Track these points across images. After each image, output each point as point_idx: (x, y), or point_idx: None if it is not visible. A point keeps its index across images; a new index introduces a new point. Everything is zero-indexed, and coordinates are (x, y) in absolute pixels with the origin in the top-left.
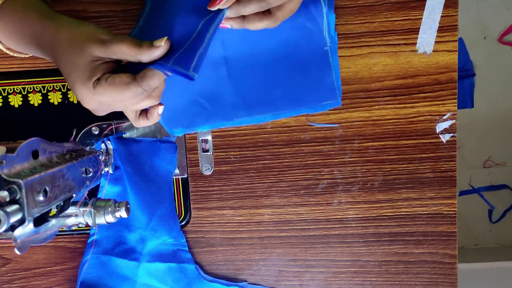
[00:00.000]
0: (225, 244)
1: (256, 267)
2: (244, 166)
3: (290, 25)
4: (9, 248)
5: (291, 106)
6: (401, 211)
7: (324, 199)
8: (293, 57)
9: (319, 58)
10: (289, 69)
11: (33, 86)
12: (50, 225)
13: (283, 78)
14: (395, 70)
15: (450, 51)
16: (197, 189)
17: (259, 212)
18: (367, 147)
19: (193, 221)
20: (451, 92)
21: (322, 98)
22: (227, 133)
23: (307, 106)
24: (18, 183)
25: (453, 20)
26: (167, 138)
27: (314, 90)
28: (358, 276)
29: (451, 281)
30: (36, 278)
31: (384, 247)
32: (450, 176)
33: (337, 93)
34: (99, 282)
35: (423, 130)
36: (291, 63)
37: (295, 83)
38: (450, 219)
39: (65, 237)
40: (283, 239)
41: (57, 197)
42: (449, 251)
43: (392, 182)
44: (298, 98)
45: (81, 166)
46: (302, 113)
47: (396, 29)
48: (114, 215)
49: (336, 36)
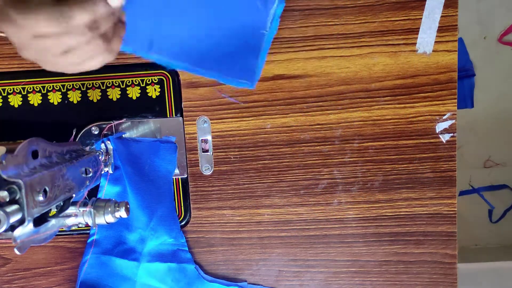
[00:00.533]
0: (225, 244)
1: (256, 267)
2: (244, 166)
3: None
4: (9, 248)
5: (209, 66)
6: (401, 211)
7: (324, 199)
8: (230, 23)
9: (252, 37)
10: (223, 32)
11: (33, 86)
12: (50, 225)
13: (215, 37)
14: (395, 70)
15: (450, 51)
16: (197, 189)
17: (259, 212)
18: (367, 147)
19: (193, 221)
20: (451, 92)
21: (239, 75)
22: (227, 133)
23: (222, 75)
24: (18, 183)
25: (453, 20)
26: (167, 138)
27: (236, 63)
28: (358, 276)
29: (451, 281)
30: (36, 278)
31: (384, 247)
32: (450, 176)
33: (255, 77)
34: (99, 282)
35: (423, 130)
36: (227, 28)
37: (223, 48)
38: (450, 219)
39: (65, 237)
40: (283, 239)
41: (57, 197)
42: (449, 251)
43: (392, 182)
44: (218, 62)
45: (81, 166)
46: (214, 78)
47: (396, 29)
48: (114, 215)
49: (276, 28)
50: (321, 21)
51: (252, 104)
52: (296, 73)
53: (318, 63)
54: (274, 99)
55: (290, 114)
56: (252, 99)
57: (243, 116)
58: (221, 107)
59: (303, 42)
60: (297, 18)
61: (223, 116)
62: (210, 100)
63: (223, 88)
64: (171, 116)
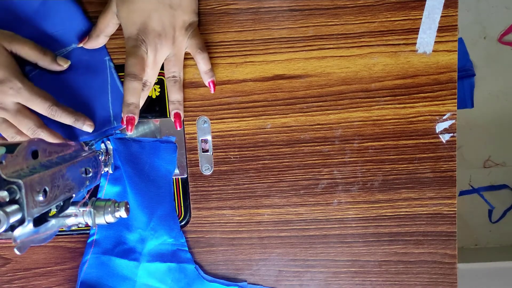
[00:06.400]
0: (225, 244)
1: (256, 267)
2: (244, 166)
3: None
4: (9, 248)
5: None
6: (401, 211)
7: (324, 199)
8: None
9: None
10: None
11: None
12: (50, 225)
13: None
14: (395, 70)
15: (450, 51)
16: (197, 189)
17: (259, 212)
18: (367, 147)
19: (193, 221)
20: (451, 92)
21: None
22: (227, 133)
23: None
24: (18, 183)
25: (453, 20)
26: (167, 138)
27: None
28: (358, 276)
29: (451, 281)
30: (36, 278)
31: (384, 247)
32: (450, 176)
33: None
34: (99, 282)
35: (423, 130)
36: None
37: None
38: (450, 219)
39: (65, 237)
40: (283, 239)
41: (57, 197)
42: (449, 251)
43: (392, 182)
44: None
45: (81, 166)
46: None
47: (396, 29)
48: (114, 215)
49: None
50: (321, 21)
51: (252, 104)
52: (296, 73)
53: (318, 63)
54: (274, 99)
55: (290, 114)
56: (252, 99)
57: (243, 116)
58: (221, 107)
59: (303, 42)
60: (297, 18)
61: (223, 116)
62: (210, 100)
63: (223, 89)
64: (171, 116)
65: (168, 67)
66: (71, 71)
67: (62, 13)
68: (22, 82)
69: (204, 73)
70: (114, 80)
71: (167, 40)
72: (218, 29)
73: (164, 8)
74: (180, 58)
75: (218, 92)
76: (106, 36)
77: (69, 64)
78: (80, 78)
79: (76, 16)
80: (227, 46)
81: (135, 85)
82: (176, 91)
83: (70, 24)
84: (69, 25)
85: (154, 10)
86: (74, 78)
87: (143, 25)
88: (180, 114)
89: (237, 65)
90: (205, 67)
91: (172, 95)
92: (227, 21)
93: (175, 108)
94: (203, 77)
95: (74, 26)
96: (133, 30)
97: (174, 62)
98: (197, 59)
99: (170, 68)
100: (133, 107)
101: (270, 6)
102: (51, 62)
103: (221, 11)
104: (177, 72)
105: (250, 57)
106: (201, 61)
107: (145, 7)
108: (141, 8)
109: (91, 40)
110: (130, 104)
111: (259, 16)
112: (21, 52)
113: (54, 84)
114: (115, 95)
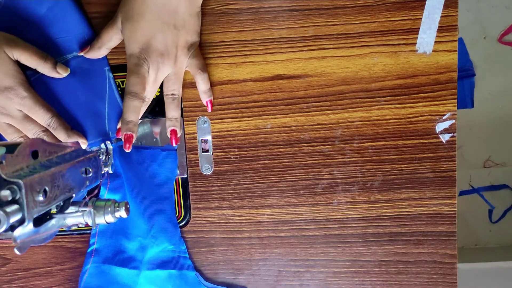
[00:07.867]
0: (225, 244)
1: (256, 267)
2: (244, 166)
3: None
4: (9, 248)
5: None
6: (401, 211)
7: (323, 199)
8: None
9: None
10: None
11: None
12: (50, 225)
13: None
14: (395, 70)
15: (450, 51)
16: (197, 189)
17: (259, 212)
18: (367, 147)
19: (192, 221)
20: (451, 92)
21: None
22: (227, 133)
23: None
24: (18, 183)
25: (453, 20)
26: (168, 146)
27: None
28: (358, 276)
29: (451, 281)
30: (36, 278)
31: (384, 247)
32: (450, 176)
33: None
34: None
35: (423, 130)
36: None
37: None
38: (450, 219)
39: (65, 237)
40: (283, 239)
41: (57, 197)
42: (449, 251)
43: (392, 182)
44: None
45: (81, 166)
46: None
47: (396, 29)
48: (114, 215)
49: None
50: (321, 21)
51: (252, 104)
52: (296, 73)
53: (318, 63)
54: (274, 99)
55: (290, 114)
56: (252, 99)
57: (243, 116)
58: (221, 107)
59: (303, 42)
60: (297, 18)
61: (223, 116)
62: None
63: (223, 89)
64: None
65: (168, 85)
66: (70, 79)
67: (67, 20)
68: (27, 91)
69: (203, 92)
70: (112, 91)
71: (169, 59)
72: (218, 29)
73: (168, 28)
74: (180, 76)
75: (218, 92)
76: (108, 49)
77: (69, 73)
78: (79, 86)
79: (80, 24)
80: (227, 46)
81: (136, 103)
82: (174, 108)
83: (74, 31)
84: (73, 33)
85: (159, 30)
86: (73, 86)
87: (146, 44)
88: (176, 131)
89: (237, 65)
90: (204, 87)
91: (170, 112)
92: (227, 21)
93: (172, 125)
94: (202, 96)
95: (77, 34)
96: (136, 49)
97: (174, 81)
98: (197, 79)
99: (170, 86)
100: (132, 125)
101: (270, 6)
102: (50, 70)
103: (221, 11)
104: (176, 90)
105: (250, 57)
106: (201, 81)
107: (150, 26)
108: (146, 27)
109: (92, 50)
110: (129, 122)
111: (259, 16)
112: (21, 58)
113: (53, 90)
114: (112, 106)
